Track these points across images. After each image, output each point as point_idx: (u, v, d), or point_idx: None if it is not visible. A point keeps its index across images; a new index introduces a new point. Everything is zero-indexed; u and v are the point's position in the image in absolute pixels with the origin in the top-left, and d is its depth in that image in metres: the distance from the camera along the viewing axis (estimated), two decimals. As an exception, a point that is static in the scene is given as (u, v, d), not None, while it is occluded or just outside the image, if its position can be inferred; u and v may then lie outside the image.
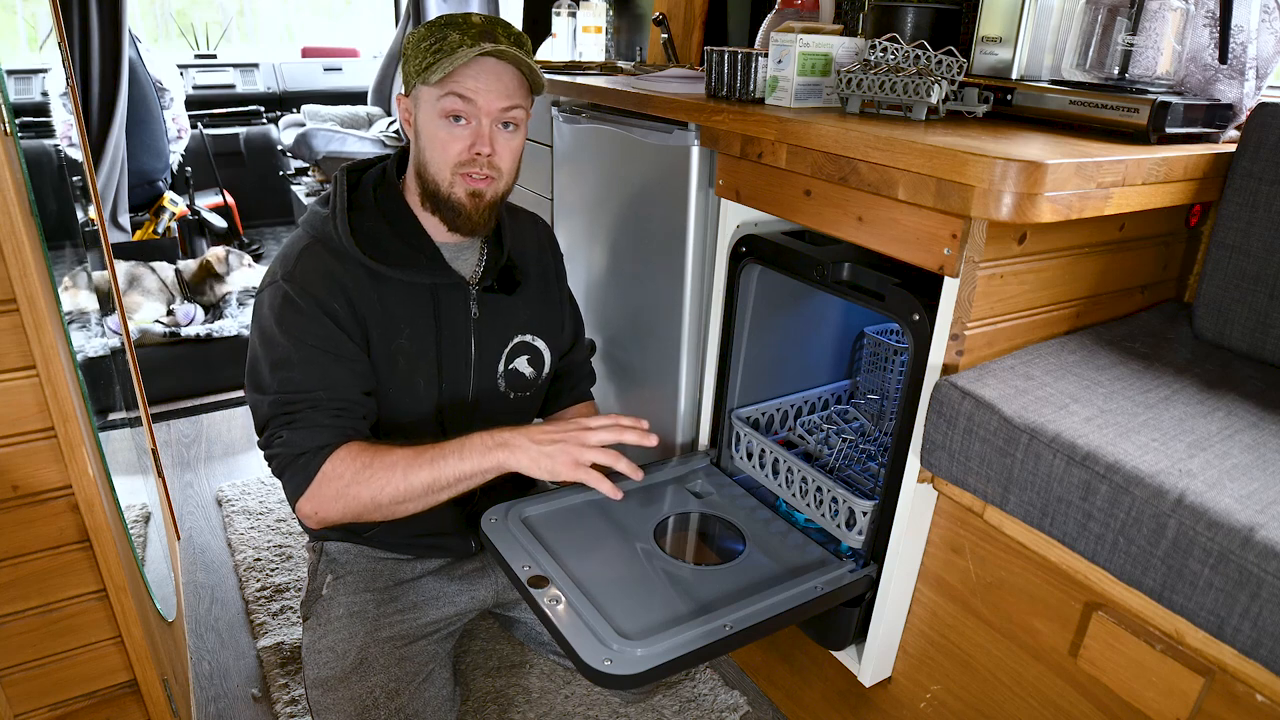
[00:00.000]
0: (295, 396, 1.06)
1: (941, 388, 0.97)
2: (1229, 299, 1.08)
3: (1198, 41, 1.12)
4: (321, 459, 1.05)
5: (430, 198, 1.13)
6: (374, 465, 1.05)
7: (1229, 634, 0.74)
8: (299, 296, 1.07)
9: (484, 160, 1.10)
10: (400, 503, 1.06)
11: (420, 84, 1.08)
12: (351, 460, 1.05)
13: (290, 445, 1.05)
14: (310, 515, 1.07)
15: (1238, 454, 0.84)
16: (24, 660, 1.01)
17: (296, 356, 1.06)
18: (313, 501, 1.06)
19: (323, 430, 1.06)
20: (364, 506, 1.05)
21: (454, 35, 1.05)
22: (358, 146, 3.51)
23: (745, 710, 1.41)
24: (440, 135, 1.09)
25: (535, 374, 1.31)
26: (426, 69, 1.06)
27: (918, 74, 1.09)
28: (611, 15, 2.76)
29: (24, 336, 0.87)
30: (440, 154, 1.10)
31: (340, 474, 1.04)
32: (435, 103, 1.07)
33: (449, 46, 1.05)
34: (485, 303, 1.21)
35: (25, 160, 0.91)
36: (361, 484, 1.04)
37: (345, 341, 1.09)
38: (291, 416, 1.06)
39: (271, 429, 1.07)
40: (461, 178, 1.11)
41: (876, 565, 1.14)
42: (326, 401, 1.07)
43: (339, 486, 1.04)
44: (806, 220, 1.13)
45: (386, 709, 1.14)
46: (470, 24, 1.07)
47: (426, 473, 1.05)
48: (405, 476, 1.04)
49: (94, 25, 2.69)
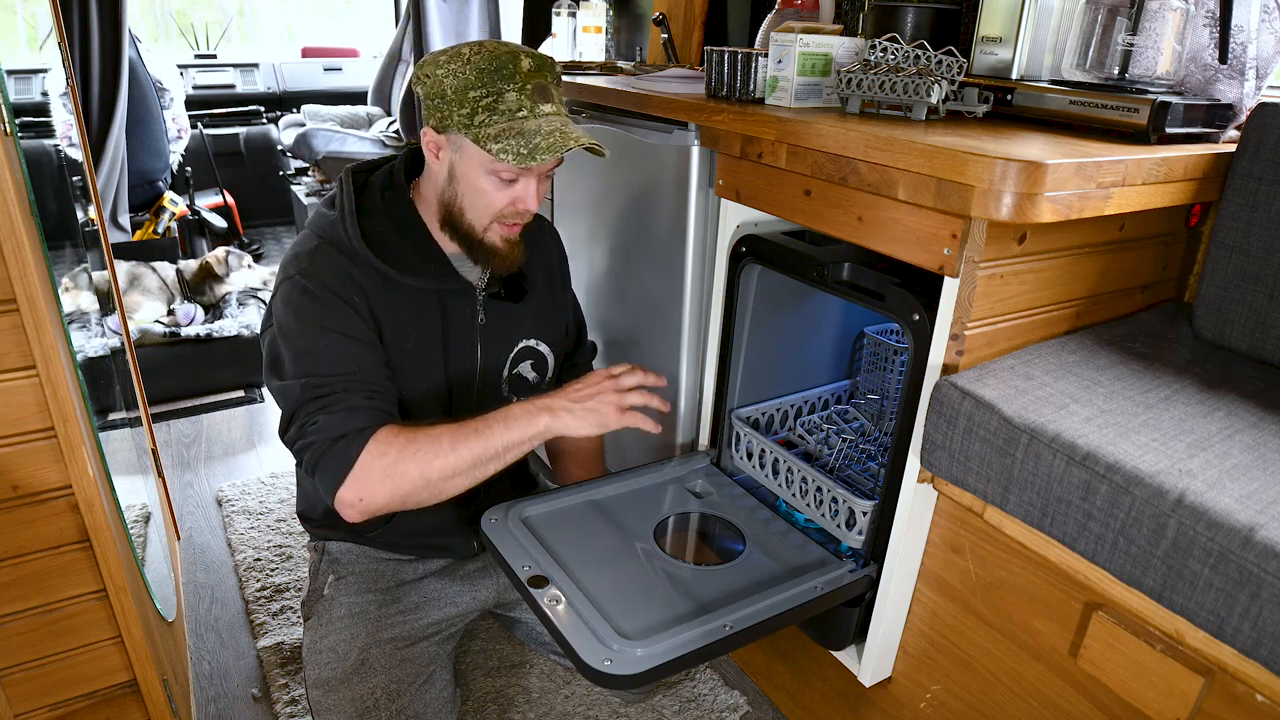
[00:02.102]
0: (326, 379, 1.03)
1: (941, 388, 0.97)
2: (1229, 299, 1.08)
3: (1198, 41, 1.12)
4: (363, 441, 1.00)
5: (462, 239, 1.12)
6: (418, 440, 1.01)
7: (1229, 634, 0.74)
8: (316, 288, 1.06)
9: (526, 214, 1.11)
10: (450, 477, 1.02)
11: (468, 139, 1.04)
12: (394, 439, 1.01)
13: (326, 430, 1.01)
14: (354, 503, 1.01)
15: (1238, 454, 0.84)
16: (24, 660, 1.01)
17: (320, 342, 1.04)
18: (356, 487, 1.00)
19: (360, 412, 1.02)
20: (413, 484, 1.01)
21: (510, 94, 1.02)
22: (358, 146, 3.51)
23: (745, 710, 1.41)
24: (486, 189, 1.08)
25: (539, 378, 1.31)
26: (479, 126, 1.02)
27: (918, 74, 1.09)
28: (611, 15, 2.76)
29: (24, 336, 0.87)
30: (484, 208, 1.09)
31: (385, 452, 1.00)
32: (487, 163, 1.05)
33: (506, 108, 1.02)
34: (491, 309, 1.21)
35: (25, 160, 0.91)
36: (408, 460, 1.00)
37: (366, 330, 1.08)
38: (325, 400, 1.02)
39: (303, 417, 1.03)
40: (499, 225, 1.11)
41: (876, 565, 1.14)
42: (360, 384, 1.04)
43: (385, 465, 1.00)
44: (806, 220, 1.13)
45: (387, 710, 1.14)
46: (519, 72, 1.03)
47: (476, 443, 1.02)
48: (454, 448, 1.01)
49: (94, 25, 2.69)
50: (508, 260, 1.14)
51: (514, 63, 1.03)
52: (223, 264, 2.66)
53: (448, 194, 1.11)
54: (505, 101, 1.02)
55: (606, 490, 1.30)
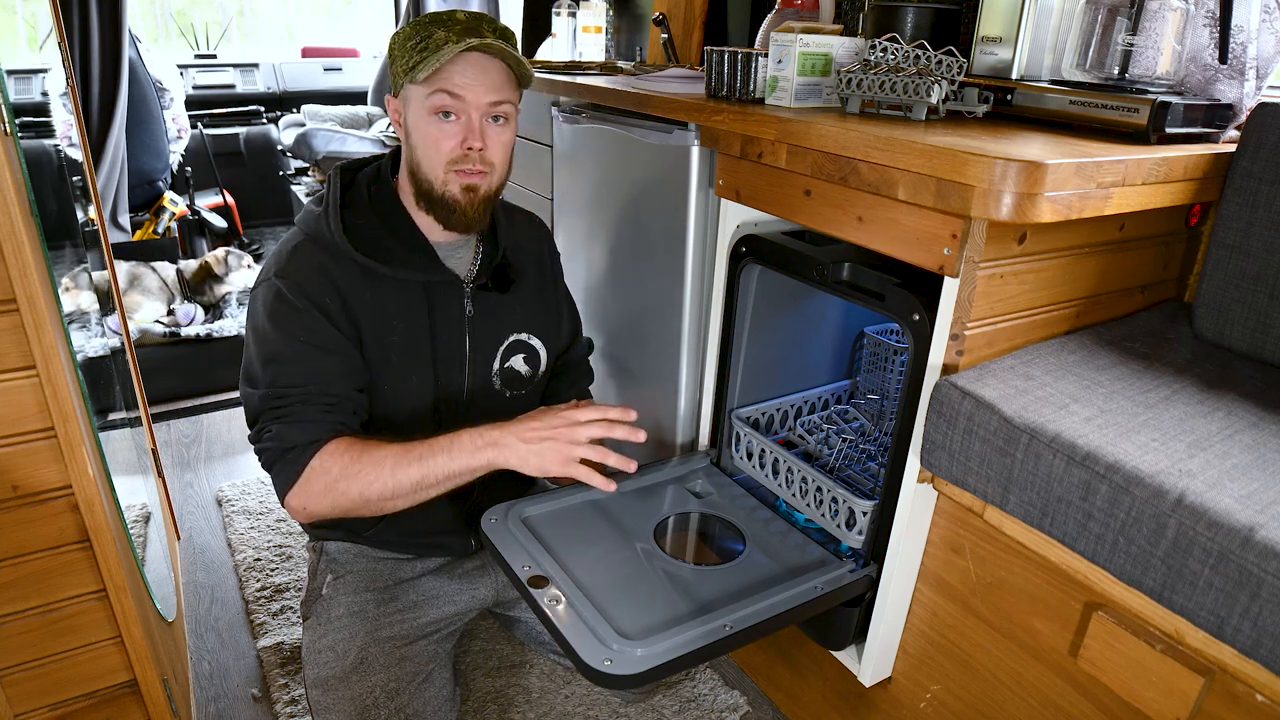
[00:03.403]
0: (285, 390, 1.06)
1: (941, 388, 0.97)
2: (1229, 299, 1.08)
3: (1198, 41, 1.12)
4: (310, 454, 1.04)
5: (424, 197, 1.13)
6: (362, 460, 1.04)
7: (1229, 634, 0.74)
8: (290, 292, 1.07)
9: (476, 155, 1.10)
10: (388, 499, 1.05)
11: (408, 83, 1.08)
12: (340, 455, 1.04)
13: (279, 439, 1.05)
14: (299, 510, 1.07)
15: (1238, 454, 0.84)
16: (24, 660, 1.01)
17: (288, 351, 1.07)
18: (300, 497, 1.05)
19: (312, 425, 1.06)
20: (352, 502, 1.05)
21: (439, 33, 1.06)
22: (358, 146, 3.51)
23: (745, 710, 1.41)
24: (431, 133, 1.09)
25: (531, 372, 1.31)
26: (414, 67, 1.06)
27: (918, 74, 1.09)
28: (611, 15, 2.76)
29: (24, 336, 0.87)
30: (432, 151, 1.10)
31: (328, 469, 1.04)
32: (424, 100, 1.08)
33: (434, 44, 1.05)
34: (479, 301, 1.21)
35: (25, 160, 0.91)
36: (349, 479, 1.04)
37: (337, 336, 1.09)
38: (281, 410, 1.06)
39: (261, 423, 1.07)
40: (455, 174, 1.11)
41: (876, 565, 1.14)
42: (317, 396, 1.07)
43: (327, 482, 1.04)
44: (806, 220, 1.13)
45: (386, 709, 1.14)
46: (455, 20, 1.07)
47: (415, 470, 1.04)
48: (393, 473, 1.04)
49: (94, 25, 2.69)
50: (470, 217, 1.14)
51: (451, 15, 1.08)
52: (223, 264, 2.66)
53: (410, 157, 1.13)
54: (434, 40, 1.05)
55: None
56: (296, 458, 1.04)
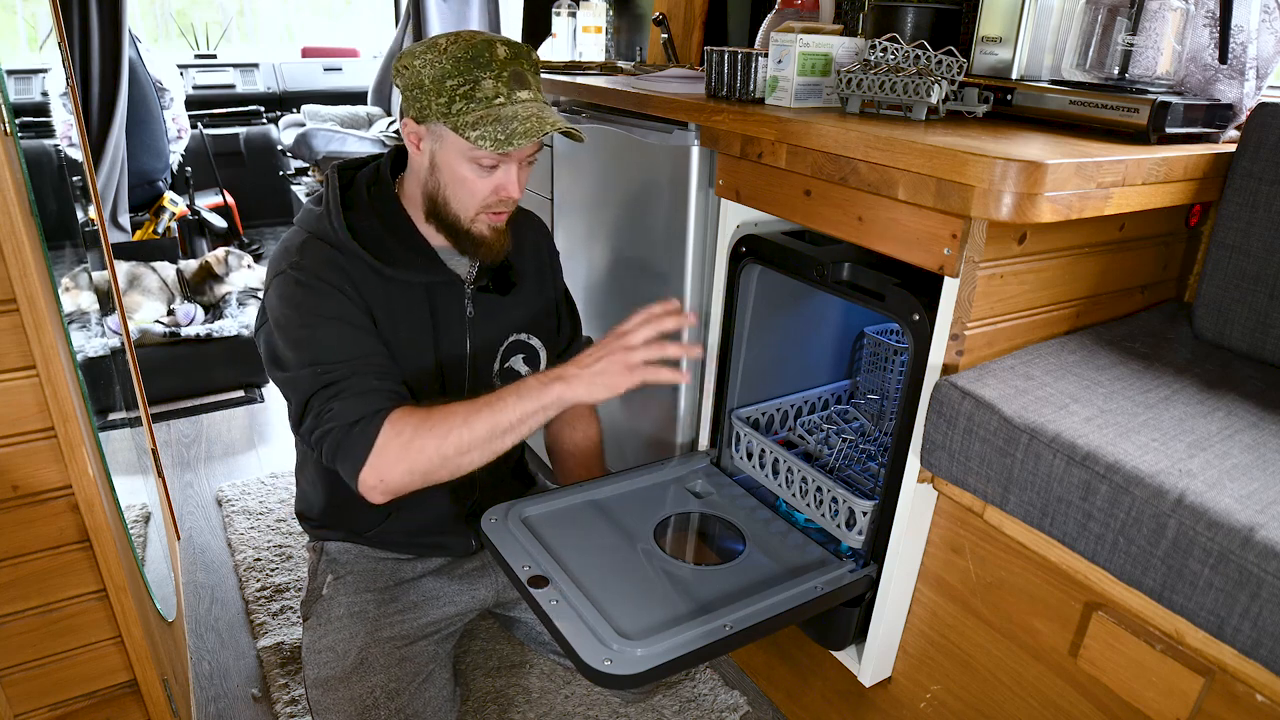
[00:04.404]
0: (333, 366, 1.04)
1: (941, 388, 0.97)
2: (1229, 299, 1.08)
3: (1198, 41, 1.12)
4: (378, 423, 1.01)
5: (448, 229, 1.12)
6: (432, 418, 1.02)
7: (1229, 634, 0.74)
8: (307, 278, 1.06)
9: (509, 200, 1.10)
10: (466, 452, 1.02)
11: (446, 126, 1.04)
12: (408, 417, 1.02)
13: (341, 417, 1.01)
14: (375, 485, 1.02)
15: (1238, 454, 0.84)
16: (24, 660, 1.01)
17: (320, 331, 1.05)
18: (376, 469, 1.01)
19: (373, 395, 1.03)
20: (429, 461, 1.02)
21: (486, 81, 1.02)
22: (358, 146, 3.51)
23: (745, 710, 1.41)
24: (468, 179, 1.08)
25: (531, 372, 1.30)
26: (457, 114, 1.02)
27: (918, 74, 1.09)
28: (611, 15, 2.76)
29: (24, 336, 0.87)
30: (466, 195, 1.09)
31: (400, 431, 1.01)
32: (466, 149, 1.05)
33: (483, 95, 1.02)
34: (480, 302, 1.21)
35: (25, 160, 0.91)
36: (423, 436, 1.01)
37: (362, 315, 1.08)
38: (336, 387, 1.03)
39: (317, 405, 1.03)
40: (485, 215, 1.11)
41: (876, 565, 1.14)
42: (364, 366, 1.05)
43: (401, 444, 1.01)
44: (806, 220, 1.13)
45: (387, 709, 1.14)
46: (495, 60, 1.03)
47: (487, 416, 1.02)
48: (466, 423, 1.01)
49: (94, 25, 2.69)
50: (495, 250, 1.14)
51: (489, 51, 1.04)
52: (223, 264, 2.66)
53: (430, 184, 1.11)
54: (482, 89, 1.03)
55: (606, 490, 1.30)
56: (364, 429, 1.01)
